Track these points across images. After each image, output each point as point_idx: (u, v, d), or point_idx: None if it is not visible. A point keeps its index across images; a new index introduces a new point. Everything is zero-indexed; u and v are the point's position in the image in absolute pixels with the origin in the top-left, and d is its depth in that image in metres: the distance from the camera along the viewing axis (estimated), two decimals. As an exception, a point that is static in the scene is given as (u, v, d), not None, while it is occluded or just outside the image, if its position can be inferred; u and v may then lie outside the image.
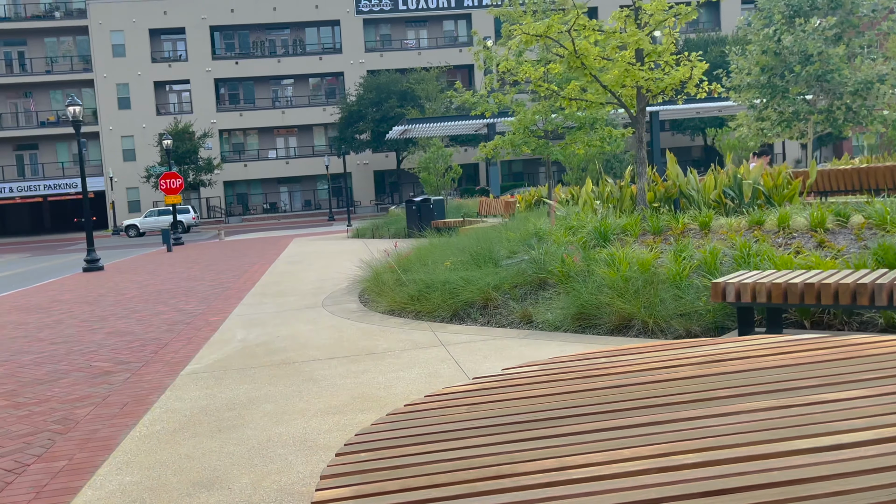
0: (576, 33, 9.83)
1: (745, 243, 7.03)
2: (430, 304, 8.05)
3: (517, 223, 12.45)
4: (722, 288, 5.68)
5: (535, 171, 57.69)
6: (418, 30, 60.58)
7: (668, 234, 8.83)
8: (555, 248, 8.53)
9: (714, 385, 3.11)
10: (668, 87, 9.47)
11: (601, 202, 10.76)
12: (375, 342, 7.00)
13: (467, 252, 10.14)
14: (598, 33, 9.85)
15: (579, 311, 6.75)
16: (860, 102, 19.15)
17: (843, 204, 8.04)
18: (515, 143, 15.81)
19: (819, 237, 7.32)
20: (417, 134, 32.06)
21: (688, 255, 7.26)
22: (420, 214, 20.70)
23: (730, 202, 9.44)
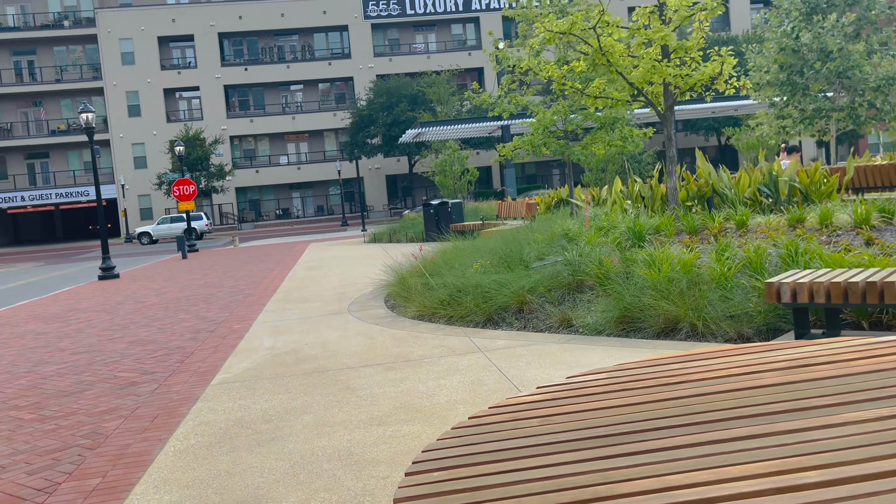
0: (601, 30, 9.60)
1: (792, 241, 6.76)
2: (463, 309, 7.82)
3: (541, 225, 12.22)
4: (776, 288, 5.42)
5: (548, 174, 57.41)
6: (426, 34, 60.46)
7: (704, 233, 8.57)
8: (588, 249, 8.29)
9: (807, 393, 2.86)
10: (697, 83, 9.22)
11: (631, 202, 10.51)
12: (409, 349, 6.77)
13: (495, 255, 9.90)
14: (622, 30, 9.61)
15: (622, 314, 6.50)
16: (882, 98, 18.83)
17: (888, 200, 7.77)
18: (535, 143, 15.57)
19: (866, 234, 7.05)
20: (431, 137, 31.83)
21: (730, 255, 7.00)
22: (438, 218, 20.48)
23: (765, 200, 9.17)
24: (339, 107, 58.23)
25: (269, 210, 58.85)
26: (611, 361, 5.56)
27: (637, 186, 10.62)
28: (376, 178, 57.52)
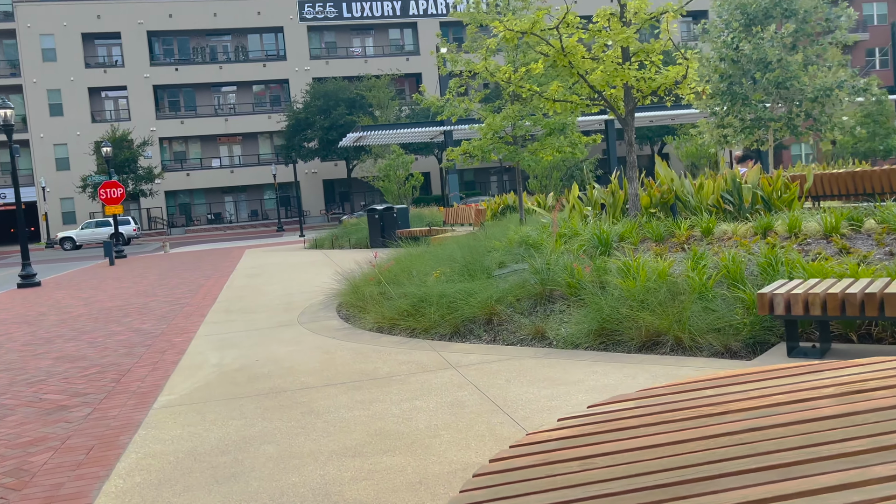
0: (563, 30, 9.29)
1: (771, 250, 6.54)
2: (427, 321, 7.35)
3: (494, 231, 11.87)
4: (769, 299, 5.15)
5: (486, 181, 57.42)
6: (364, 37, 59.80)
7: (670, 241, 8.33)
8: (554, 257, 7.94)
9: (880, 427, 2.51)
10: (660, 86, 9.00)
11: (591, 208, 10.24)
12: (374, 365, 6.26)
13: (454, 262, 9.48)
14: (583, 31, 9.33)
15: (601, 326, 6.14)
16: (819, 109, 19.23)
17: (854, 208, 7.67)
18: (485, 148, 15.24)
19: (840, 243, 6.89)
20: (372, 141, 31.21)
21: (706, 264, 6.74)
22: (383, 224, 19.94)
23: (728, 207, 9.02)
24: (274, 109, 56.95)
25: (201, 214, 57.07)
26: (595, 378, 5.19)
27: (596, 192, 10.37)
28: (313, 183, 56.44)
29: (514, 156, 15.23)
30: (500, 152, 15.31)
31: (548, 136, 15.47)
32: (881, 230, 7.04)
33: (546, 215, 11.29)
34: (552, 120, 15.22)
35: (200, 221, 56.63)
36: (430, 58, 57.47)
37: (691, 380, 3.12)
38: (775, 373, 3.15)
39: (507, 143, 15.49)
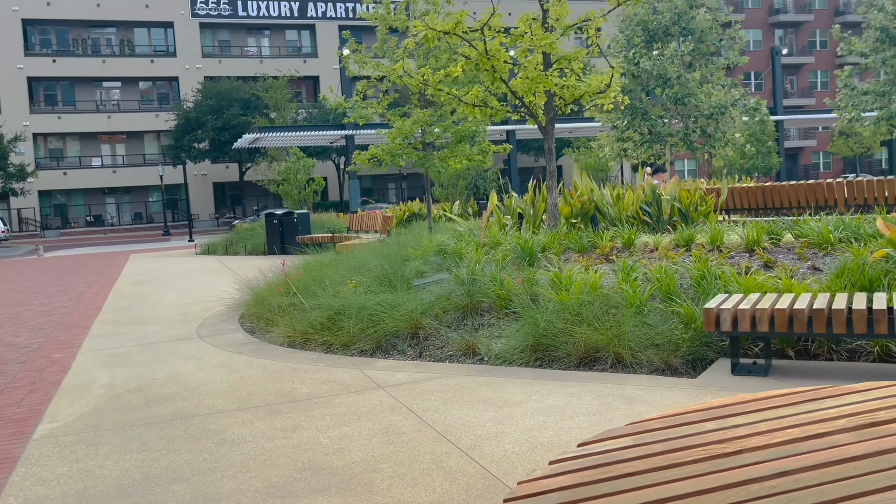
0: (488, 32, 8.99)
1: (704, 264, 6.43)
2: (345, 335, 6.82)
3: (407, 239, 11.45)
4: (715, 315, 4.97)
5: (384, 188, 56.87)
6: (259, 37, 58.12)
7: (593, 252, 8.15)
8: (479, 267, 7.59)
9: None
10: (584, 94, 8.85)
11: (511, 217, 9.97)
12: (291, 385, 5.69)
13: (368, 271, 8.98)
14: (504, 35, 9.07)
15: (536, 341, 5.82)
16: (714, 126, 19.93)
17: (774, 222, 7.73)
18: (394, 153, 14.80)
19: (765, 257, 6.87)
20: (269, 143, 30.10)
21: (637, 276, 6.56)
22: (283, 229, 19.09)
23: (647, 219, 8.96)
24: (162, 108, 54.34)
25: (79, 216, 53.65)
26: (538, 398, 4.84)
27: (514, 202, 10.12)
28: (203, 186, 54.19)
29: (424, 162, 14.86)
30: (410, 158, 14.91)
31: (458, 143, 15.20)
32: (802, 244, 7.08)
33: (463, 223, 10.96)
34: (462, 127, 14.96)
35: (78, 223, 53.23)
36: (329, 61, 56.59)
37: (683, 410, 2.79)
38: (770, 401, 2.87)
39: (417, 149, 15.10)
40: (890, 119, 20.38)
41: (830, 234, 6.91)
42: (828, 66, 61.93)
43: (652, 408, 4.48)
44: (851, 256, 6.38)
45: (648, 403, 4.58)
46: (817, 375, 4.94)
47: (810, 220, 7.59)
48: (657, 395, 4.76)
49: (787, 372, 5.06)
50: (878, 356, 5.16)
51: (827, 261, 6.69)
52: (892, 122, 20.55)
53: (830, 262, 6.63)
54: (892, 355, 5.15)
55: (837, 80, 21.83)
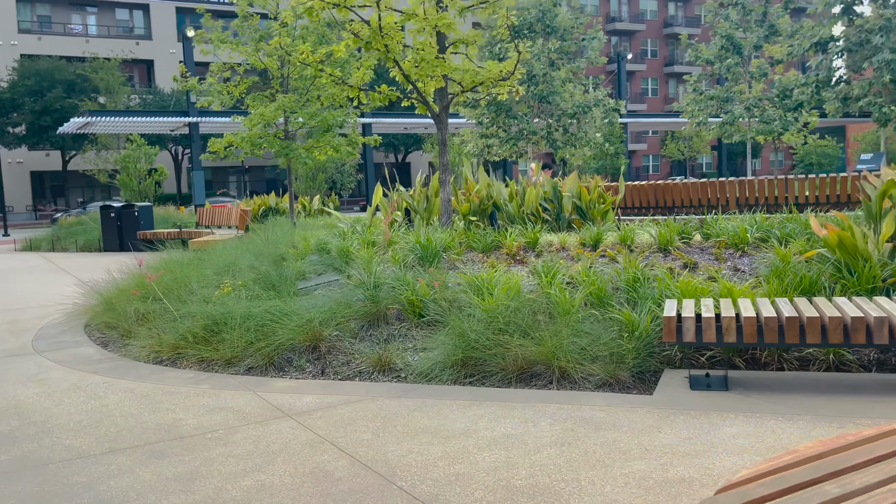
0: (384, 8, 8.14)
1: (632, 263, 5.98)
2: (228, 348, 5.77)
3: (275, 236, 10.40)
4: (676, 324, 4.47)
5: (224, 180, 54.02)
6: (85, 15, 53.32)
7: (497, 252, 7.55)
8: (380, 268, 6.76)
9: None
10: (486, 81, 8.24)
11: (401, 213, 9.18)
12: (172, 415, 4.61)
13: (241, 272, 7.90)
14: (395, 13, 8.27)
15: (465, 354, 5.10)
16: (576, 125, 20.15)
17: (686, 221, 7.48)
18: (254, 141, 13.54)
19: (685, 258, 6.55)
20: (101, 129, 27.22)
21: (560, 280, 6.02)
22: (121, 224, 17.13)
23: (547, 216, 8.50)
24: (-31, 86, 48.44)
25: None
26: (487, 426, 4.13)
27: (403, 196, 9.32)
28: (18, 175, 48.87)
29: (288, 152, 13.73)
30: (272, 147, 13.72)
31: (324, 132, 14.19)
32: (719, 245, 6.84)
33: (345, 220, 10.04)
34: (329, 114, 13.97)
35: None
36: (165, 44, 52.97)
37: (782, 464, 2.16)
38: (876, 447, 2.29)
39: (279, 139, 13.93)
40: (733, 123, 21.53)
41: (748, 235, 6.71)
42: (657, 73, 65.87)
43: (623, 434, 3.89)
44: (773, 257, 6.18)
45: (617, 429, 3.99)
46: (779, 388, 4.57)
47: (721, 220, 7.40)
48: (621, 417, 4.18)
49: (746, 385, 4.66)
50: (833, 365, 4.89)
51: (745, 262, 6.47)
52: (735, 126, 21.74)
53: (749, 262, 6.41)
54: (846, 364, 4.89)
55: (687, 84, 22.83)
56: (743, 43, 21.54)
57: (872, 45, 16.94)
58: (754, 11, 21.69)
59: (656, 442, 3.75)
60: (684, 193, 9.45)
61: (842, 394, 4.40)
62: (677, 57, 65.31)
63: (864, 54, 17.54)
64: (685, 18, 65.27)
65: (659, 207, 9.69)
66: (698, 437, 3.79)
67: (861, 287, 5.25)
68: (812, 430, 3.82)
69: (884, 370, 4.84)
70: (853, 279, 5.31)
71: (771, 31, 21.15)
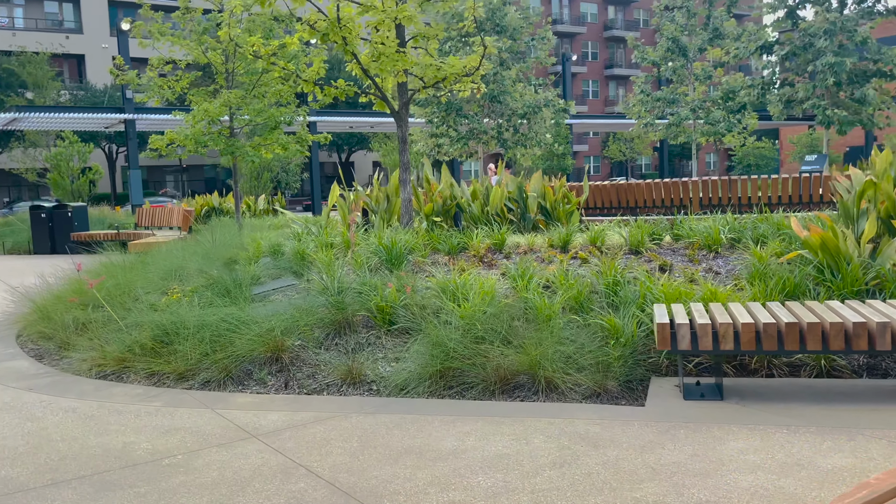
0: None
1: (611, 266, 5.74)
2: (181, 361, 5.30)
3: (223, 237, 9.91)
4: (669, 332, 4.23)
5: (160, 180, 52.39)
6: (12, 7, 51.01)
7: (464, 254, 7.24)
8: (342, 272, 6.37)
9: None
10: (449, 77, 7.91)
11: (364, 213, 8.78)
12: (122, 438, 4.15)
13: (189, 277, 7.41)
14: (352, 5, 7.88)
15: (444, 365, 4.76)
16: (527, 125, 20.00)
17: (657, 222, 7.30)
18: (199, 138, 12.91)
19: (659, 259, 6.36)
20: (31, 126, 25.87)
21: (536, 283, 5.74)
22: (53, 225, 16.21)
23: (512, 217, 8.22)
24: None
25: None
26: (476, 444, 3.81)
27: (360, 195, 8.91)
28: (-63, 172, 46.39)
29: (234, 149, 13.15)
30: (217, 145, 13.12)
31: (272, 129, 13.66)
32: (692, 246, 6.67)
33: (298, 220, 9.59)
34: (276, 111, 13.45)
35: None
36: (97, 38, 51.07)
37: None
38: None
39: (224, 136, 13.33)
40: (679, 124, 21.73)
41: (721, 236, 6.55)
42: (598, 76, 66.65)
43: (624, 452, 3.62)
44: (750, 258, 6.04)
45: (616, 445, 3.72)
46: (775, 396, 4.37)
47: (692, 221, 7.24)
48: (618, 432, 3.91)
49: (740, 393, 4.45)
50: (825, 371, 4.73)
51: (720, 263, 6.31)
52: (681, 127, 21.93)
53: (724, 264, 6.25)
54: (836, 369, 4.73)
55: (634, 85, 22.97)
56: (688, 45, 21.75)
57: (816, 48, 17.28)
58: (698, 15, 21.95)
59: (662, 460, 3.49)
60: (647, 194, 9.29)
61: (839, 402, 4.22)
62: (617, 60, 66.22)
63: (806, 58, 17.90)
64: (625, 22, 66.22)
65: (622, 208, 9.53)
66: (705, 454, 3.54)
67: (847, 289, 5.11)
68: (822, 444, 3.61)
69: (874, 375, 4.71)
70: (837, 281, 5.18)
71: (715, 35, 21.42)
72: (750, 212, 8.38)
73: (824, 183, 8.60)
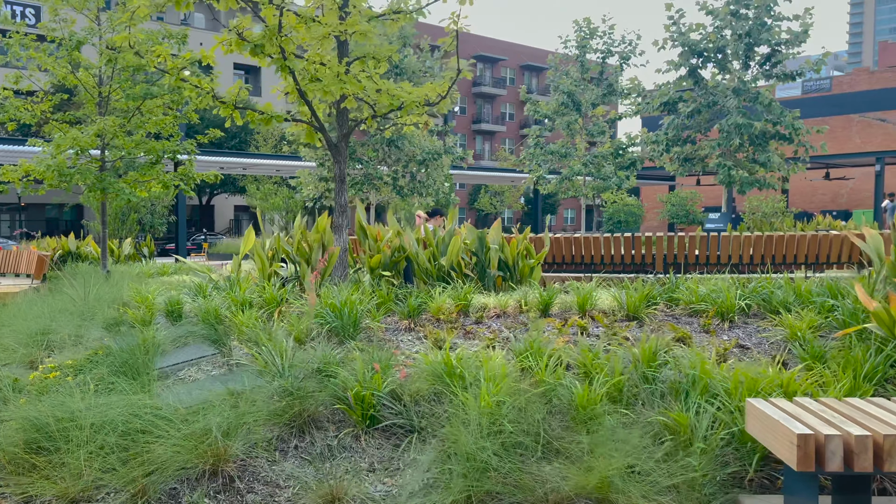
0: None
1: (651, 344, 4.59)
2: (72, 478, 3.63)
3: (95, 289, 8.13)
4: (815, 447, 3.11)
5: (-6, 217, 47.08)
6: None
7: (424, 317, 5.93)
8: (285, 345, 4.87)
9: None
10: (408, 105, 6.63)
11: (288, 263, 7.22)
12: None
13: (62, 344, 5.65)
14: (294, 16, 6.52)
15: (472, 485, 3.40)
16: (425, 172, 18.95)
17: (651, 283, 6.27)
18: (63, 171, 10.79)
19: (679, 331, 5.31)
20: None
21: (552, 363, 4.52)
22: None
23: (469, 272, 6.99)
24: None
25: None
26: None
27: (283, 240, 7.33)
28: None
29: (106, 185, 11.16)
30: (85, 179, 11.09)
31: (153, 165, 11.79)
32: (701, 314, 5.71)
33: (203, 271, 7.89)
34: (159, 143, 11.65)
35: None
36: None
37: None
38: None
39: (94, 170, 11.31)
40: (571, 178, 21.47)
41: (735, 301, 5.63)
42: (465, 130, 67.57)
43: None
44: (775, 330, 5.15)
45: None
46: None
47: (688, 281, 6.30)
48: None
49: (868, 518, 3.39)
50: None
51: (741, 335, 5.36)
52: (572, 181, 21.69)
53: (750, 336, 5.31)
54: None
55: (528, 138, 22.58)
56: (581, 100, 21.69)
57: (721, 107, 17.49)
58: (591, 70, 22.02)
59: None
60: (606, 249, 8.33)
61: None
62: (484, 115, 67.57)
63: (706, 116, 18.10)
64: (492, 79, 67.71)
65: (576, 264, 8.53)
66: None
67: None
68: None
69: None
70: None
71: (609, 91, 21.49)
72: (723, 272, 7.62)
73: (836, 242, 7.99)
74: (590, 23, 22.37)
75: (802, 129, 17.34)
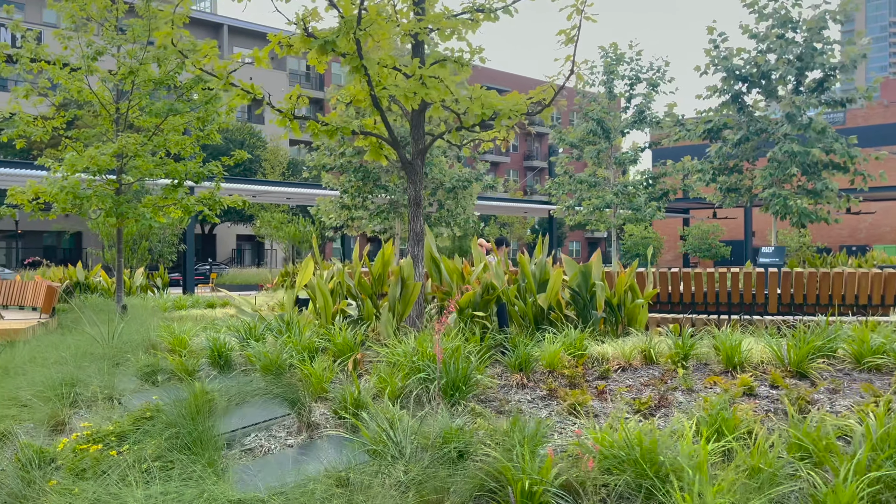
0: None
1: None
2: None
3: (127, 327, 7.07)
4: None
5: (-10, 245, 45.88)
6: None
7: (537, 371, 4.84)
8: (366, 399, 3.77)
9: None
10: (507, 113, 5.59)
11: (355, 301, 6.12)
12: None
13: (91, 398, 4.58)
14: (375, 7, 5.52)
15: None
16: (453, 199, 17.92)
17: (827, 325, 5.17)
18: (79, 194, 9.72)
19: (882, 395, 4.22)
20: None
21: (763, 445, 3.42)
22: None
23: (569, 313, 5.91)
24: None
25: None
26: None
27: (337, 273, 6.22)
28: None
29: (125, 210, 10.09)
30: (102, 203, 10.03)
31: (175, 188, 10.74)
32: (882, 370, 4.63)
33: (248, 307, 6.78)
34: (183, 165, 10.63)
35: None
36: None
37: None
38: None
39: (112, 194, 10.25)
40: (602, 209, 20.46)
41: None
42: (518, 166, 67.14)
43: None
44: None
45: None
46: None
47: (854, 329, 5.20)
48: None
49: None
50: None
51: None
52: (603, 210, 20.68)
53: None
54: None
55: (556, 167, 21.61)
56: (611, 127, 20.78)
57: (773, 134, 16.46)
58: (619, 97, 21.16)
59: None
60: (710, 286, 7.15)
61: None
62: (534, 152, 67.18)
63: (754, 144, 17.10)
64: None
65: (672, 304, 7.39)
66: None
67: None
68: None
69: None
70: None
71: (639, 118, 20.58)
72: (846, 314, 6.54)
73: None
74: (616, 48, 21.56)
75: (859, 157, 16.37)
